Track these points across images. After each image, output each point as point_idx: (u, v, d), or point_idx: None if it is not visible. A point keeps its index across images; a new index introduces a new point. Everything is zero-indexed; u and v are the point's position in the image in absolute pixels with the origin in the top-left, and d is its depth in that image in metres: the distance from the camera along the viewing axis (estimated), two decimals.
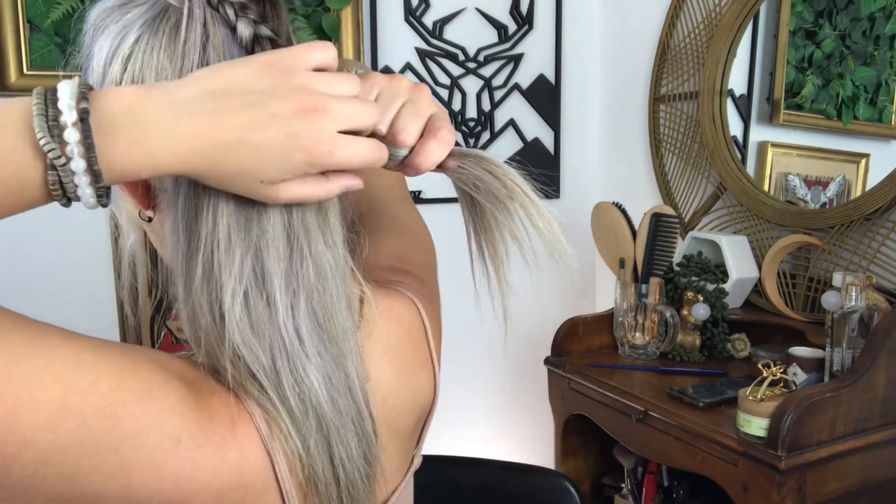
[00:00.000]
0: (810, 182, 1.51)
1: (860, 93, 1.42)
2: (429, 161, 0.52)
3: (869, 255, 1.33)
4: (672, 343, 1.45)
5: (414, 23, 1.75)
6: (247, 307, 0.48)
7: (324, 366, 0.51)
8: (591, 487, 1.62)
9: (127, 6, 0.52)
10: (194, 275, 0.49)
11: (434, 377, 0.66)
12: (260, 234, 0.49)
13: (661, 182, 1.80)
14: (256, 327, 0.49)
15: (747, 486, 1.06)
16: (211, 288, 0.49)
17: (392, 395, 0.61)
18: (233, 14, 0.48)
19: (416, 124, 0.51)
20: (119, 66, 0.51)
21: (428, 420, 0.68)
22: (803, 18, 1.49)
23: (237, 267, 0.48)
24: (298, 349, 0.50)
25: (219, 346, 0.49)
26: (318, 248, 0.51)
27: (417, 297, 0.66)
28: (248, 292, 0.49)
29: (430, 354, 0.66)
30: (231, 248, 0.48)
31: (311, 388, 0.50)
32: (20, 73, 1.39)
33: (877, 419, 1.10)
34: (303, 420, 0.50)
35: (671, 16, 1.73)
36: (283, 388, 0.50)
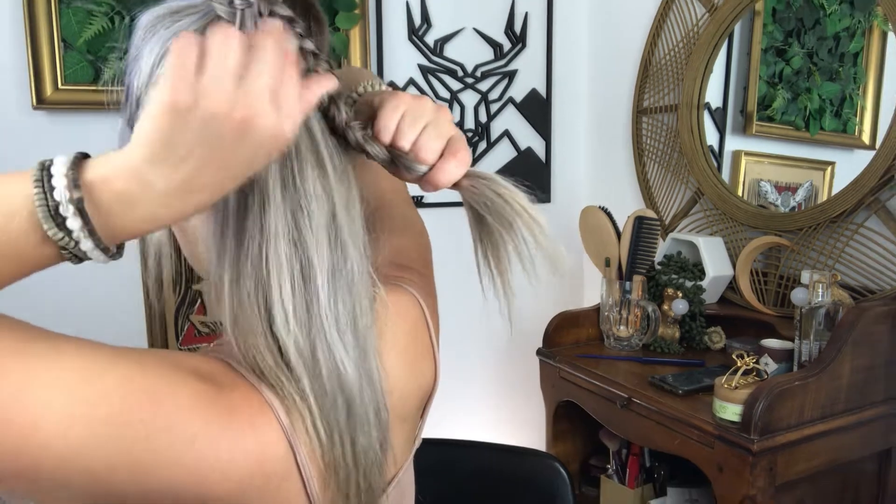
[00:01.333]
0: (780, 188, 1.51)
1: (826, 106, 1.42)
2: (446, 179, 0.52)
3: (834, 254, 1.33)
4: (654, 335, 1.45)
5: (417, 41, 1.75)
6: (293, 297, 0.49)
7: (357, 357, 0.52)
8: (579, 468, 1.62)
9: (179, 14, 0.51)
10: (243, 266, 0.49)
11: (435, 365, 0.66)
12: (307, 229, 0.49)
13: (643, 188, 1.80)
14: (300, 317, 0.49)
15: (722, 467, 1.06)
16: (259, 279, 0.48)
17: (400, 386, 0.61)
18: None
19: (438, 144, 0.52)
20: None
21: (428, 404, 0.68)
22: (774, 37, 1.49)
23: (286, 261, 0.48)
24: (337, 339, 0.50)
25: (260, 336, 0.49)
26: (351, 249, 0.52)
27: (419, 293, 0.67)
28: (295, 284, 0.49)
29: (431, 345, 0.66)
30: (279, 244, 0.48)
31: (347, 376, 0.51)
32: (55, 88, 1.39)
33: (841, 405, 1.10)
34: (332, 407, 0.50)
35: (653, 35, 1.73)
36: (321, 376, 0.49)
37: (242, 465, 0.46)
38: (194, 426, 0.44)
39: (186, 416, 0.44)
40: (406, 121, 0.52)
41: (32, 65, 1.36)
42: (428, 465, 1.16)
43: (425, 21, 1.75)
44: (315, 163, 0.50)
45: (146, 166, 0.41)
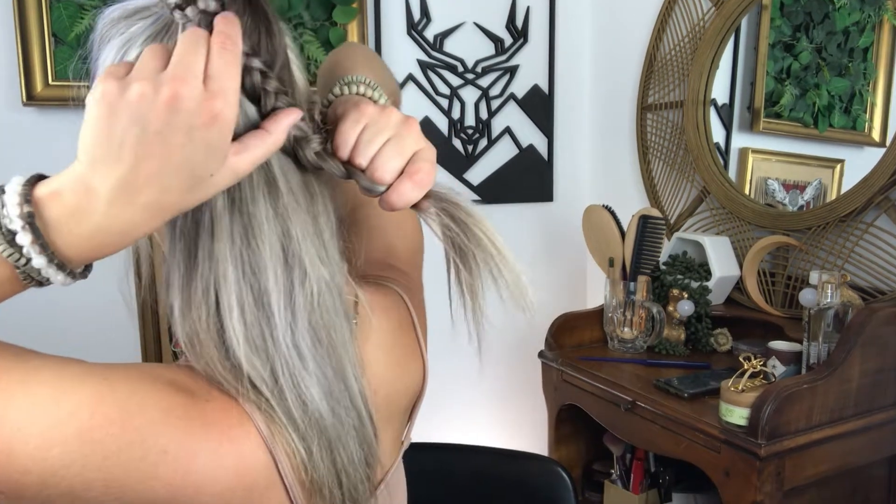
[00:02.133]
0: (788, 186, 1.51)
1: (835, 102, 1.42)
2: (401, 202, 0.50)
3: (843, 254, 1.32)
4: (658, 337, 1.45)
5: (416, 36, 1.75)
6: (245, 325, 0.48)
7: (325, 380, 0.51)
8: (582, 473, 1.62)
9: (132, 18, 0.50)
10: (193, 294, 0.48)
11: (423, 364, 0.67)
12: (257, 254, 0.48)
13: (648, 186, 1.80)
14: (257, 345, 0.48)
15: (729, 472, 1.06)
16: (209, 307, 0.48)
17: (385, 385, 0.61)
18: None
19: (396, 162, 0.50)
20: None
21: (417, 404, 0.68)
22: (782, 32, 1.49)
23: (234, 286, 0.48)
24: (299, 365, 0.49)
25: (219, 362, 0.48)
26: (315, 265, 0.50)
27: (404, 291, 0.67)
28: (247, 311, 0.48)
29: (418, 343, 0.66)
30: (228, 268, 0.47)
31: (313, 402, 0.50)
32: (46, 84, 1.39)
33: (851, 409, 1.09)
34: (306, 430, 0.49)
35: (657, 29, 1.73)
36: (286, 402, 0.49)
37: (221, 479, 0.46)
38: (165, 439, 0.45)
39: (158, 430, 0.45)
40: (365, 136, 0.50)
41: (22, 60, 1.36)
42: (426, 470, 1.16)
43: (424, 15, 1.75)
44: (265, 183, 0.49)
45: (88, 171, 0.42)
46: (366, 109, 0.51)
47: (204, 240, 0.48)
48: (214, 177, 0.44)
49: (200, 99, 0.42)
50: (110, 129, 0.42)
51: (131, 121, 0.41)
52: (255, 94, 0.47)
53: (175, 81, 0.41)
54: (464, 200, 0.52)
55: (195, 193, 0.44)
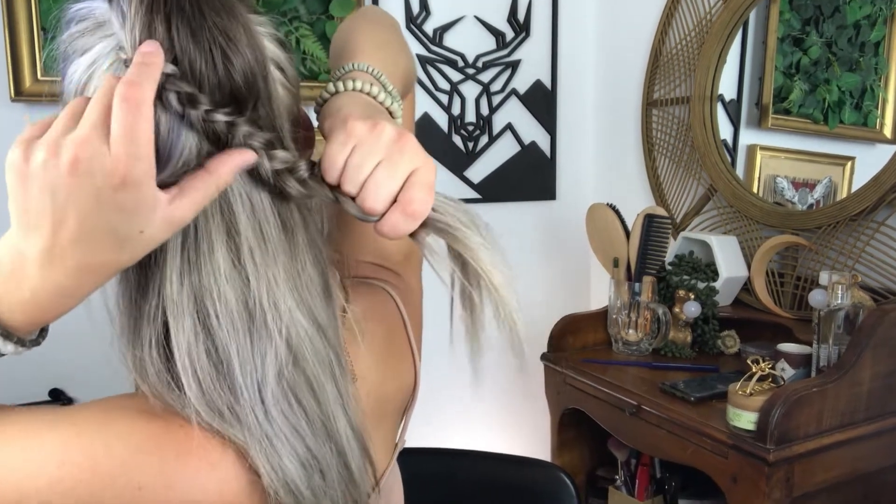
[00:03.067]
0: (798, 184, 1.51)
1: (846, 98, 1.42)
2: (394, 234, 0.47)
3: (854, 254, 1.33)
4: (664, 339, 1.45)
5: (415, 30, 1.75)
6: (205, 394, 0.46)
7: (303, 444, 0.48)
8: (585, 479, 1.62)
9: (97, 34, 0.46)
10: (145, 353, 0.47)
11: (414, 366, 0.67)
12: (213, 315, 0.46)
13: (653, 184, 1.80)
14: (222, 415, 0.46)
15: (737, 478, 1.06)
16: (162, 367, 0.46)
17: (376, 388, 0.61)
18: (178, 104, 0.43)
19: (388, 188, 0.46)
20: None
21: (410, 406, 0.68)
22: (791, 26, 1.49)
23: (188, 349, 0.45)
24: (271, 432, 0.47)
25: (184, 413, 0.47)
26: (292, 313, 0.48)
27: (396, 292, 0.67)
28: (206, 379, 0.46)
29: (409, 345, 0.67)
30: (180, 330, 0.45)
31: (289, 472, 0.48)
32: (34, 79, 1.38)
33: (862, 413, 1.09)
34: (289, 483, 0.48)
35: (663, 23, 1.73)
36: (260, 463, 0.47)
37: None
38: (139, 475, 0.45)
39: (129, 468, 0.45)
40: (354, 159, 0.46)
41: (10, 55, 1.36)
42: (426, 476, 1.16)
43: (424, 8, 1.75)
44: (223, 228, 0.46)
45: (18, 236, 0.43)
46: (355, 129, 0.47)
47: (150, 296, 0.46)
48: (145, 232, 0.42)
49: (104, 160, 0.40)
50: (25, 197, 0.41)
51: (40, 189, 0.41)
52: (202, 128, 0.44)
53: (76, 144, 0.40)
54: (461, 232, 0.48)
55: (126, 252, 0.43)
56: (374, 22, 0.67)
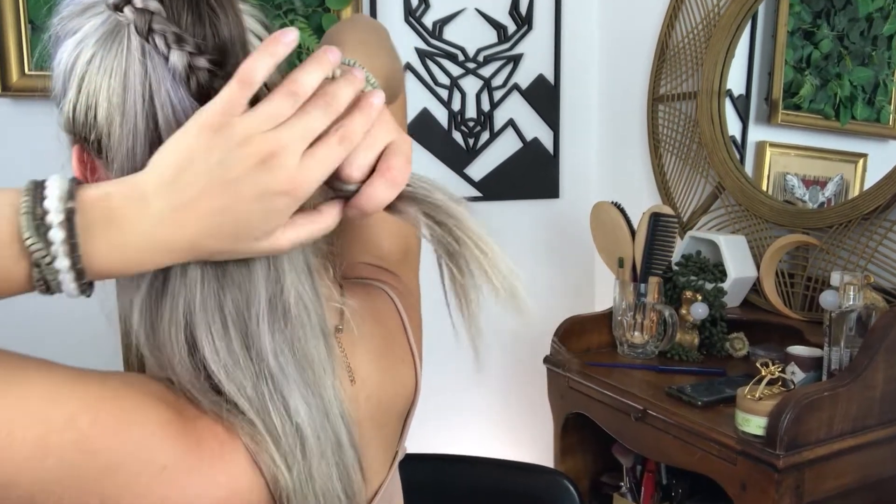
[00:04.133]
0: (808, 182, 1.51)
1: (858, 93, 1.42)
2: (373, 203, 0.48)
3: (867, 254, 1.33)
4: (671, 342, 1.45)
5: (414, 23, 1.76)
6: (229, 354, 0.47)
7: (307, 396, 0.50)
8: (589, 486, 1.62)
9: (83, 16, 0.48)
10: (160, 311, 0.48)
11: (415, 370, 0.67)
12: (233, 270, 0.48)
13: (659, 182, 1.80)
14: (237, 364, 0.48)
15: (746, 485, 1.06)
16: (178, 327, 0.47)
17: (375, 392, 0.61)
18: (164, 46, 0.45)
19: (365, 158, 0.47)
20: (75, 85, 0.48)
21: (411, 412, 0.68)
22: (801, 19, 1.50)
23: (209, 303, 0.47)
24: (283, 381, 0.49)
25: (192, 384, 0.48)
26: (292, 278, 0.50)
27: (395, 294, 0.67)
28: (225, 330, 0.47)
29: (409, 348, 0.67)
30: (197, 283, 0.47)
31: (298, 415, 0.49)
32: (21, 74, 1.39)
33: (874, 418, 1.10)
34: (289, 450, 0.49)
35: (670, 16, 1.73)
36: (271, 420, 0.49)
37: (213, 498, 0.47)
38: (162, 456, 0.45)
39: (156, 446, 0.45)
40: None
41: None
42: (425, 482, 1.16)
43: (423, 1, 1.75)
44: None
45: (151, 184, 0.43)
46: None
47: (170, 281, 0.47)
48: (259, 242, 0.45)
49: (292, 167, 0.43)
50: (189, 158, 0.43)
51: (216, 161, 0.42)
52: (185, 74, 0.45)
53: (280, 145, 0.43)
54: (442, 200, 0.49)
55: (234, 246, 0.45)
56: (361, 26, 0.71)
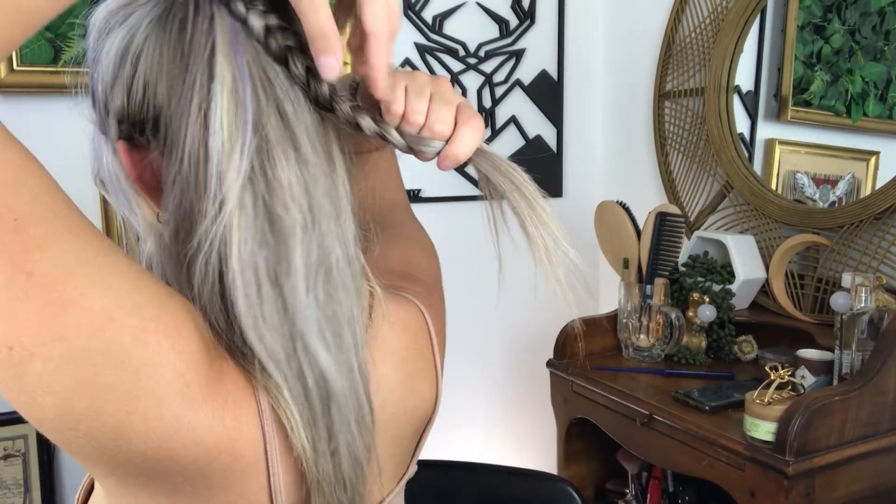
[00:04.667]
0: (819, 180, 1.51)
1: (870, 89, 1.42)
2: (466, 149, 0.53)
3: (879, 255, 1.32)
4: (677, 345, 1.45)
5: (413, 17, 1.75)
6: (262, 304, 0.49)
7: (339, 356, 0.52)
8: (594, 493, 1.62)
9: (132, 5, 0.52)
10: (191, 266, 0.49)
11: (436, 387, 0.66)
12: (278, 228, 0.49)
13: (665, 180, 1.80)
14: (270, 319, 0.49)
15: (754, 492, 1.06)
16: (212, 282, 0.49)
17: (393, 401, 0.60)
18: (242, 7, 0.48)
19: (449, 113, 0.53)
20: (129, 66, 0.51)
21: (427, 429, 0.68)
22: (812, 13, 1.49)
23: (250, 263, 0.48)
24: (318, 339, 0.51)
25: (226, 336, 0.50)
26: (331, 239, 0.51)
27: (424, 305, 0.66)
28: (263, 288, 0.49)
29: (433, 363, 0.66)
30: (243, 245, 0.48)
31: (328, 377, 0.51)
32: (10, 70, 1.38)
33: (887, 423, 1.09)
34: (312, 410, 0.51)
35: (676, 10, 1.73)
36: (301, 378, 0.50)
37: (217, 435, 0.47)
38: (191, 375, 0.46)
39: (191, 362, 0.46)
40: (411, 95, 0.52)
41: None
42: (426, 490, 1.15)
43: None
44: (289, 147, 0.50)
45: None
46: (399, 75, 0.53)
47: (207, 206, 0.48)
48: None
49: None
50: None
51: None
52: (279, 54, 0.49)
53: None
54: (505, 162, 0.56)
55: None
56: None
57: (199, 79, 0.47)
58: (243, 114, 0.47)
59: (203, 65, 0.48)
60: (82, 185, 0.94)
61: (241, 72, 0.47)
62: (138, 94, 0.51)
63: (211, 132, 0.46)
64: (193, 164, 0.48)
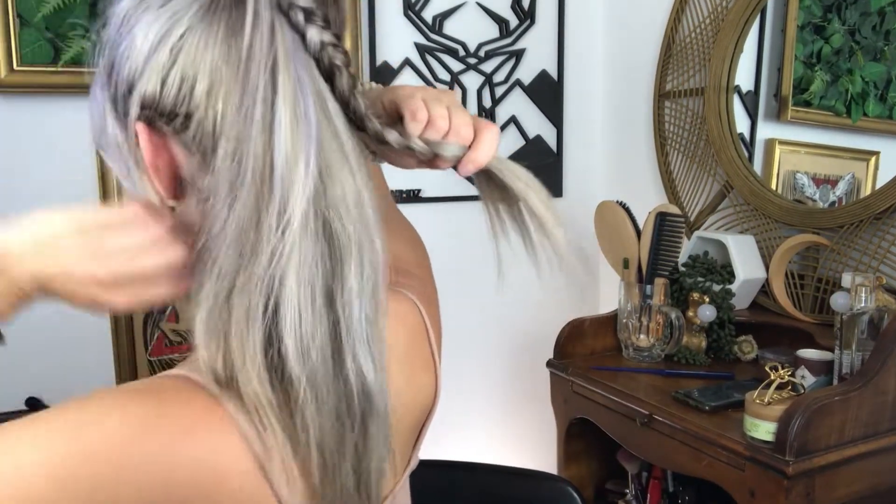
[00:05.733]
0: (819, 180, 1.51)
1: (870, 89, 1.42)
2: (487, 153, 0.55)
3: (879, 255, 1.32)
4: (677, 345, 1.45)
5: (413, 17, 1.75)
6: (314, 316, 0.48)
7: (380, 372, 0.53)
8: (594, 493, 1.62)
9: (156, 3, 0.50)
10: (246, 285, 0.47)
11: (436, 379, 0.67)
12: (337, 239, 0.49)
13: (665, 180, 1.80)
14: (321, 339, 0.49)
15: (755, 492, 1.06)
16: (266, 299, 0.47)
17: (394, 395, 0.61)
18: (302, 19, 0.48)
19: (469, 118, 0.56)
20: (166, 56, 0.48)
21: (427, 421, 0.68)
22: (812, 13, 1.49)
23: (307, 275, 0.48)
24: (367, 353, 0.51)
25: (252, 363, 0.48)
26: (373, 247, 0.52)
27: (419, 299, 0.67)
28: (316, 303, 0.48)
29: (431, 356, 0.67)
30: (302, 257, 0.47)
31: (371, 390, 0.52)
32: (10, 70, 1.38)
33: (887, 423, 1.09)
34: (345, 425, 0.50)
35: (676, 10, 1.73)
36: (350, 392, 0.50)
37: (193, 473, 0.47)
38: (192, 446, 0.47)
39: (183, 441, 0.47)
40: (432, 103, 0.55)
41: None
42: (426, 489, 1.15)
43: None
44: (345, 164, 0.50)
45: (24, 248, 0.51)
46: (411, 88, 0.57)
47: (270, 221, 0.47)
48: None
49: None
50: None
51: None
52: (328, 70, 0.50)
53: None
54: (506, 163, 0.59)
55: None
56: None
57: (263, 91, 0.46)
58: (307, 129, 0.47)
59: (266, 77, 0.46)
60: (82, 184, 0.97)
61: (303, 86, 0.47)
62: (174, 87, 0.49)
63: (276, 147, 0.46)
64: (257, 177, 0.46)
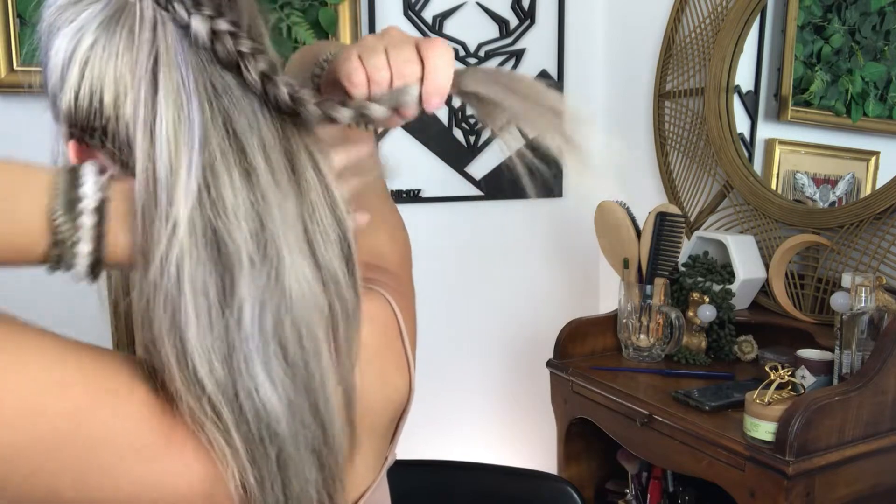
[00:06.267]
0: (819, 180, 1.51)
1: (870, 89, 1.42)
2: (444, 77, 0.51)
3: (879, 255, 1.32)
4: (677, 345, 1.45)
5: (413, 17, 1.75)
6: (211, 333, 0.45)
7: (292, 391, 0.48)
8: (594, 493, 1.62)
9: (81, 3, 0.49)
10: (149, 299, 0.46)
11: (409, 375, 0.67)
12: (225, 249, 0.45)
13: (665, 180, 1.80)
14: (220, 350, 0.46)
15: (754, 492, 1.06)
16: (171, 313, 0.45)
17: (366, 394, 0.60)
18: (184, 12, 0.45)
19: (410, 52, 0.51)
20: (76, 72, 0.48)
21: (403, 418, 0.68)
22: (812, 13, 1.49)
23: (200, 287, 0.45)
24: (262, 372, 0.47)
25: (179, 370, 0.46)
26: (291, 261, 0.48)
27: (392, 296, 0.67)
28: (212, 316, 0.45)
29: (404, 353, 0.66)
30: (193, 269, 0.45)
31: (276, 417, 0.47)
32: (10, 70, 1.38)
33: (887, 423, 1.09)
34: (261, 452, 0.47)
35: (676, 10, 1.73)
36: (246, 417, 0.46)
37: (187, 483, 0.46)
38: (140, 438, 0.45)
39: (137, 425, 0.45)
40: (367, 57, 0.51)
41: None
42: (424, 490, 1.16)
43: None
44: (237, 165, 0.46)
45: None
46: (349, 45, 0.53)
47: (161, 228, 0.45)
48: None
49: None
50: None
51: None
52: (230, 60, 0.46)
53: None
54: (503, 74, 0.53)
55: None
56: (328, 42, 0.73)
57: (144, 92, 0.45)
58: (190, 129, 0.45)
59: (147, 76, 0.45)
60: None
61: (187, 83, 0.45)
62: (85, 100, 0.48)
63: (157, 150, 0.44)
64: (143, 183, 0.45)
